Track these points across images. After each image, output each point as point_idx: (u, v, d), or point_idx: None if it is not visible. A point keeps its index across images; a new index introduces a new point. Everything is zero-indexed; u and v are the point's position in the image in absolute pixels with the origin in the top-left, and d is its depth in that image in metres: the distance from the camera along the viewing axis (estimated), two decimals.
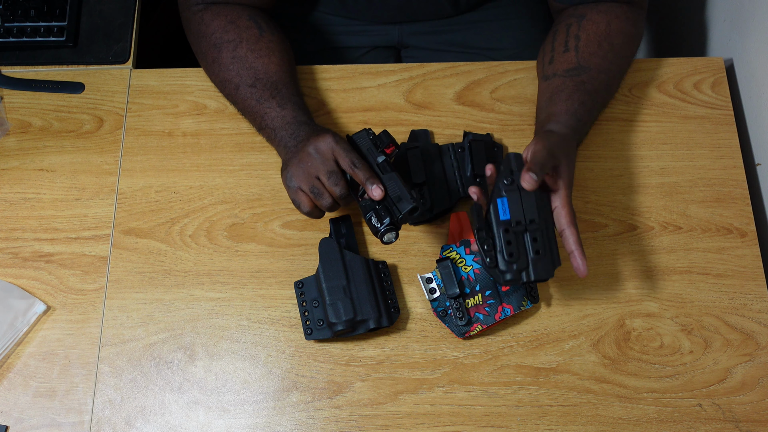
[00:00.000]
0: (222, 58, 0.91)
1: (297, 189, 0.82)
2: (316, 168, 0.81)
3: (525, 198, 0.76)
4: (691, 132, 0.98)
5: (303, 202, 0.82)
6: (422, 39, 1.15)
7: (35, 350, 0.87)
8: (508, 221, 0.76)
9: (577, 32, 0.92)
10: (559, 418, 0.84)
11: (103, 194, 0.94)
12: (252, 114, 0.91)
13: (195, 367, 0.86)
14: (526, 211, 0.76)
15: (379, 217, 0.79)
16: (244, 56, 0.91)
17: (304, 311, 0.86)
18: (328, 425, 0.83)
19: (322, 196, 0.81)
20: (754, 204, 0.95)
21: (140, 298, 0.89)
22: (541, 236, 0.76)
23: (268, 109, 0.89)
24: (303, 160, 0.82)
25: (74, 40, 1.02)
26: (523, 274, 0.76)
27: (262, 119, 0.89)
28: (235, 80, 0.91)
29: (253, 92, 0.90)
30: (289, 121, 0.88)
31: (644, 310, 0.89)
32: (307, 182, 0.81)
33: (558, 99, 0.88)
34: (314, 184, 0.81)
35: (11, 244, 0.92)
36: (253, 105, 0.90)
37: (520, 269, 0.76)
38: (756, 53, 0.98)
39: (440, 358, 0.86)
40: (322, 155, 0.81)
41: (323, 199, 0.81)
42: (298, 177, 0.82)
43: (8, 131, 0.97)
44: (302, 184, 0.82)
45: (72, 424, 0.83)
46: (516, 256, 0.75)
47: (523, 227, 0.76)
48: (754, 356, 0.86)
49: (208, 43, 0.92)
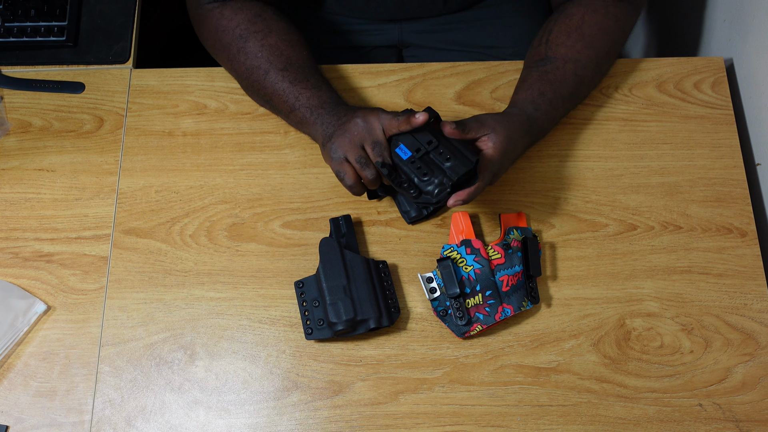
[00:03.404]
0: (249, 47, 0.91)
1: (342, 160, 0.82)
2: (362, 137, 0.82)
3: (416, 133, 0.82)
4: (691, 132, 0.98)
5: (348, 173, 0.82)
6: (423, 38, 1.15)
7: (35, 350, 0.87)
8: (411, 156, 0.81)
9: (552, 26, 0.94)
10: (559, 417, 0.84)
11: (104, 194, 0.94)
12: (283, 96, 0.90)
13: (195, 366, 0.86)
14: (420, 140, 0.82)
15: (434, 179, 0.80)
16: (275, 44, 0.91)
17: (304, 311, 0.86)
18: (329, 425, 0.83)
19: (367, 166, 0.82)
20: (754, 204, 0.95)
21: (140, 297, 0.89)
22: (445, 147, 0.81)
23: (303, 90, 0.89)
24: (349, 131, 0.82)
25: (74, 40, 1.02)
26: (445, 180, 0.80)
27: (296, 99, 0.89)
28: (264, 66, 0.90)
29: (286, 75, 0.89)
30: (326, 101, 0.88)
31: (644, 310, 0.89)
32: (354, 152, 0.82)
33: (520, 88, 0.91)
34: (360, 154, 0.81)
35: (11, 244, 0.91)
36: (286, 87, 0.89)
37: (441, 180, 0.80)
38: (756, 53, 0.98)
39: (440, 357, 0.86)
40: (369, 125, 0.82)
41: (368, 169, 0.82)
42: (344, 147, 0.82)
43: (8, 131, 0.97)
44: (348, 154, 0.82)
45: (72, 424, 0.83)
46: (429, 172, 0.80)
47: (425, 150, 0.81)
48: (754, 356, 0.86)
49: (232, 35, 0.92)
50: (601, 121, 0.98)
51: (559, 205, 0.93)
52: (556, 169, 0.95)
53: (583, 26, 0.92)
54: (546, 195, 0.94)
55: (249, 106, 0.99)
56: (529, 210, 0.93)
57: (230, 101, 0.99)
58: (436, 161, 0.81)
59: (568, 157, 0.96)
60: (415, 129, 0.82)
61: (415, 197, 0.81)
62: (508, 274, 0.86)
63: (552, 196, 0.94)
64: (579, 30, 0.92)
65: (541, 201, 0.94)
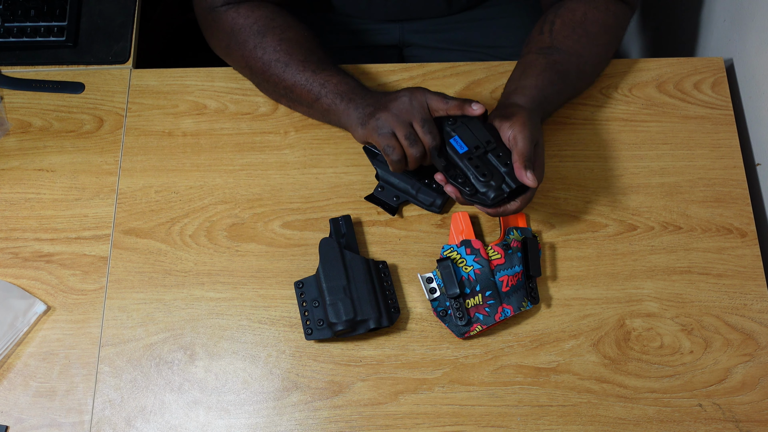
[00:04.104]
0: (266, 42, 0.91)
1: (390, 134, 0.82)
2: (411, 115, 0.82)
3: (473, 128, 0.83)
4: (691, 132, 0.98)
5: (396, 148, 0.82)
6: (423, 37, 1.15)
7: (35, 350, 0.87)
8: (468, 151, 0.81)
9: (553, 19, 0.93)
10: (559, 418, 0.84)
11: (103, 194, 0.94)
12: (307, 85, 0.90)
13: (195, 367, 0.86)
14: (479, 137, 0.82)
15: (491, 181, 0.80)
16: (294, 38, 0.91)
17: (304, 311, 0.86)
18: (328, 425, 0.83)
19: (415, 143, 0.82)
20: (754, 204, 0.95)
21: (140, 298, 0.89)
22: (503, 151, 0.82)
23: (329, 77, 0.89)
24: (396, 107, 0.82)
25: (74, 40, 1.02)
26: (504, 186, 0.81)
27: (322, 87, 0.89)
28: (284, 59, 0.90)
29: (308, 65, 0.90)
30: (355, 87, 0.88)
31: (644, 310, 0.89)
32: (403, 128, 0.82)
33: (530, 73, 0.90)
34: (409, 130, 0.82)
35: (11, 244, 0.91)
36: (309, 75, 0.89)
37: (498, 184, 0.80)
38: (756, 53, 0.98)
39: (440, 358, 0.86)
40: (417, 101, 0.82)
41: (416, 147, 0.82)
42: (391, 122, 0.82)
43: (8, 131, 0.97)
44: (397, 130, 0.82)
45: (72, 424, 0.83)
46: (489, 174, 0.81)
47: (483, 150, 0.82)
48: (754, 356, 0.86)
49: (249, 31, 0.92)
50: (601, 121, 0.98)
51: (559, 205, 0.93)
52: (556, 169, 0.95)
53: (586, 22, 0.92)
54: (546, 195, 0.94)
55: (249, 107, 0.99)
56: (529, 210, 0.93)
57: (230, 101, 0.99)
58: (494, 163, 0.81)
59: (568, 157, 0.96)
60: (471, 124, 0.83)
61: (470, 195, 0.81)
62: (508, 275, 0.86)
63: (552, 196, 0.94)
64: (582, 26, 0.92)
65: (541, 201, 0.94)
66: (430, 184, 0.91)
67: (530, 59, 0.92)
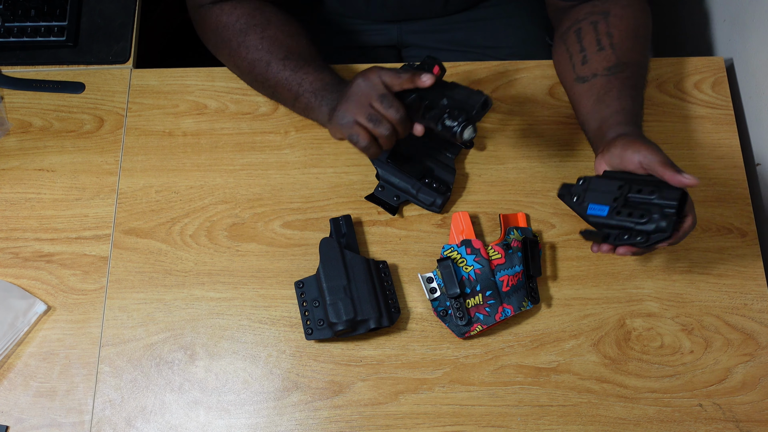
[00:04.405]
0: (249, 41, 0.91)
1: (353, 123, 0.80)
2: (367, 95, 0.79)
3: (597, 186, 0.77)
4: (691, 132, 0.98)
5: (361, 134, 0.80)
6: (422, 38, 1.15)
7: (35, 350, 0.86)
8: (611, 209, 0.75)
9: (608, 29, 0.90)
10: (559, 418, 0.84)
11: (104, 194, 0.94)
12: (287, 84, 0.90)
13: (195, 367, 0.86)
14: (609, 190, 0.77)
15: (453, 117, 0.76)
16: (274, 35, 0.91)
17: (304, 311, 0.86)
18: (329, 425, 0.83)
19: (380, 122, 0.79)
20: (754, 204, 0.95)
21: (140, 298, 0.89)
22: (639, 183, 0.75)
23: (305, 75, 0.88)
24: (353, 93, 0.80)
25: (74, 40, 1.02)
26: (666, 210, 0.73)
27: (299, 86, 0.88)
28: (266, 58, 0.90)
29: (287, 63, 0.89)
30: (329, 83, 0.87)
31: (644, 310, 0.89)
32: (363, 111, 0.79)
33: (609, 99, 0.85)
34: (370, 111, 0.79)
35: (12, 244, 0.91)
36: (288, 75, 0.89)
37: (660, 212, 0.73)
38: (756, 53, 0.98)
39: (441, 358, 0.86)
40: (370, 81, 0.79)
41: (381, 126, 0.79)
42: (351, 110, 0.80)
43: (8, 131, 0.97)
44: (357, 116, 0.79)
45: (72, 424, 0.83)
46: (646, 211, 0.74)
47: (623, 197, 0.75)
48: (754, 356, 0.86)
49: (232, 29, 0.92)
50: None
51: (559, 205, 0.93)
52: (557, 169, 0.95)
53: (638, 28, 0.90)
54: (546, 195, 0.94)
55: (249, 106, 0.99)
56: (529, 210, 0.93)
57: (230, 101, 0.99)
58: (642, 200, 0.75)
59: (568, 157, 0.96)
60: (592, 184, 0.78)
61: (646, 243, 0.74)
62: (508, 274, 0.86)
63: (552, 196, 0.94)
64: (637, 33, 0.90)
65: (541, 201, 0.94)
66: (431, 183, 0.91)
67: (600, 83, 0.87)
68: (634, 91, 0.86)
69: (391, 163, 0.92)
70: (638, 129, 0.83)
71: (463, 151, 0.96)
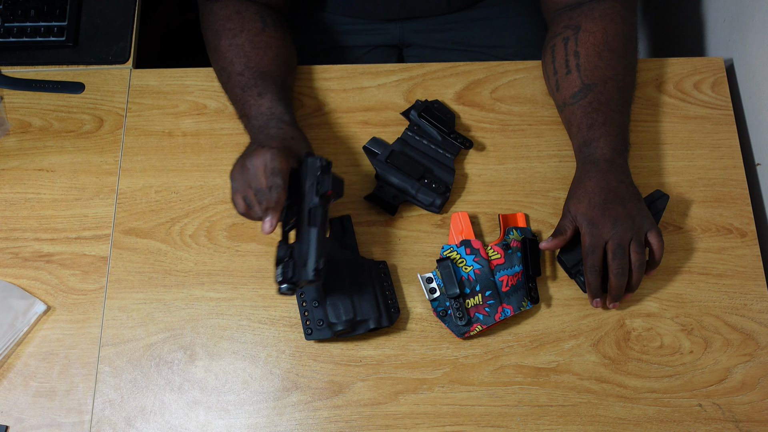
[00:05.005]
0: (221, 46, 0.92)
1: (235, 191, 0.82)
2: (248, 181, 0.80)
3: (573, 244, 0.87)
4: (691, 132, 0.98)
5: (238, 204, 0.81)
6: (423, 37, 1.15)
7: (35, 350, 0.87)
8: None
9: (576, 48, 0.91)
10: (559, 418, 0.84)
11: (103, 194, 0.94)
12: (235, 101, 0.91)
13: (195, 367, 0.86)
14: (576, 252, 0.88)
15: (284, 269, 0.77)
16: (241, 44, 0.91)
17: (304, 311, 0.86)
18: (328, 425, 0.83)
19: (252, 208, 0.80)
20: (754, 204, 0.95)
21: (140, 298, 0.89)
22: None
23: (248, 97, 0.88)
24: (244, 168, 0.81)
25: (74, 40, 1.02)
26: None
27: (242, 107, 0.89)
28: (229, 68, 0.91)
29: (240, 80, 0.90)
30: (263, 112, 0.87)
31: (644, 310, 0.89)
32: (243, 190, 0.81)
33: (572, 133, 0.91)
34: (248, 194, 0.80)
35: (11, 244, 0.92)
36: (238, 93, 0.90)
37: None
38: (756, 53, 0.98)
39: (440, 358, 0.86)
40: (255, 170, 0.79)
41: (253, 211, 0.81)
42: (238, 181, 0.81)
43: (8, 131, 0.97)
44: (239, 190, 0.81)
45: (72, 424, 0.83)
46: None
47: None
48: (754, 356, 0.86)
49: (212, 30, 0.93)
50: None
51: (559, 205, 0.93)
52: (556, 169, 0.95)
53: (608, 41, 0.90)
54: (546, 195, 0.94)
55: None
56: (529, 210, 0.93)
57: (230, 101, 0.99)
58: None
59: (568, 157, 0.96)
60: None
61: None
62: (507, 275, 0.86)
63: (552, 196, 0.94)
64: (607, 46, 0.90)
65: (541, 201, 0.94)
66: (430, 184, 0.91)
67: (567, 116, 0.92)
68: (594, 114, 0.88)
69: (391, 163, 0.92)
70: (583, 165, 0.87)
71: (462, 151, 0.96)
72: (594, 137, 0.87)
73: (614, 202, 0.83)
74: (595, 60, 0.90)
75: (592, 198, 0.84)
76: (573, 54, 0.91)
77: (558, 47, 0.93)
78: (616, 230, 0.82)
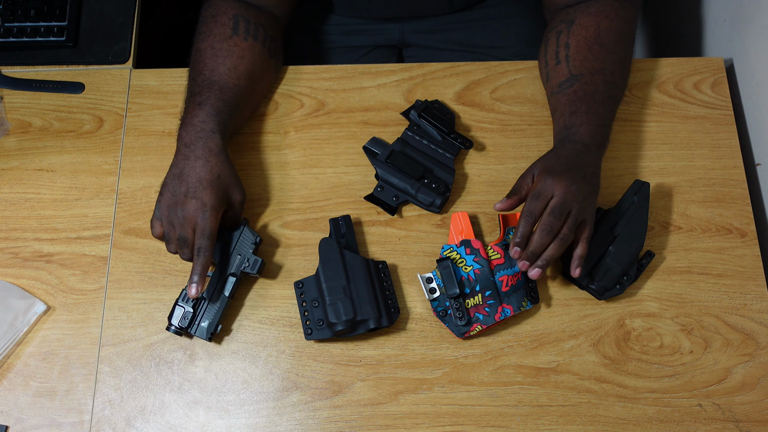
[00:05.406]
0: (193, 48, 0.93)
1: (156, 218, 0.84)
2: (172, 221, 0.83)
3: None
4: (691, 132, 0.98)
5: (155, 229, 0.84)
6: (423, 37, 1.15)
7: (35, 350, 0.87)
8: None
9: (567, 40, 0.92)
10: (559, 418, 0.84)
11: (103, 194, 0.94)
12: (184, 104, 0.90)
13: (195, 367, 0.86)
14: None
15: (184, 317, 0.84)
16: (203, 50, 0.91)
17: (304, 311, 0.86)
18: (328, 425, 0.84)
19: (170, 243, 0.84)
20: (754, 204, 0.95)
21: (140, 298, 0.89)
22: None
23: (189, 105, 0.88)
24: (172, 206, 0.83)
25: (74, 40, 1.02)
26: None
27: (183, 112, 0.89)
28: (191, 72, 0.92)
29: (192, 85, 0.90)
30: (195, 124, 0.86)
31: (644, 310, 0.89)
32: (166, 225, 0.83)
33: (554, 119, 0.91)
34: (169, 231, 0.83)
35: (11, 244, 0.92)
36: (186, 97, 0.90)
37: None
38: (756, 53, 0.98)
39: (440, 358, 0.86)
40: (184, 220, 0.82)
41: (170, 247, 0.85)
42: (162, 211, 0.83)
43: (8, 131, 0.97)
44: (160, 219, 0.84)
45: (72, 424, 0.83)
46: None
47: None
48: (754, 356, 0.86)
49: (196, 30, 0.94)
50: None
51: None
52: None
53: (600, 35, 0.91)
54: None
55: None
56: None
57: None
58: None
59: None
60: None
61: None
62: (507, 274, 0.86)
63: None
64: (598, 40, 0.91)
65: None
66: (430, 184, 0.91)
67: (553, 103, 0.93)
68: (578, 103, 0.88)
69: (390, 163, 0.92)
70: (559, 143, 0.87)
71: (462, 151, 0.96)
72: (575, 123, 0.87)
73: (577, 173, 0.83)
74: (584, 52, 0.91)
75: (558, 160, 0.84)
76: (564, 46, 0.92)
77: (551, 40, 0.94)
78: (567, 191, 0.81)
